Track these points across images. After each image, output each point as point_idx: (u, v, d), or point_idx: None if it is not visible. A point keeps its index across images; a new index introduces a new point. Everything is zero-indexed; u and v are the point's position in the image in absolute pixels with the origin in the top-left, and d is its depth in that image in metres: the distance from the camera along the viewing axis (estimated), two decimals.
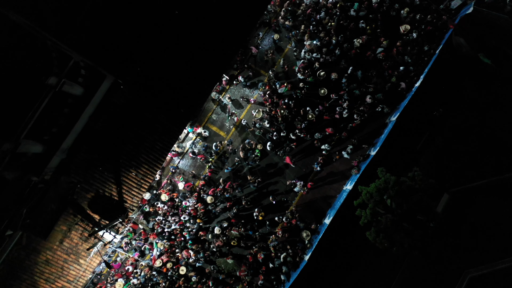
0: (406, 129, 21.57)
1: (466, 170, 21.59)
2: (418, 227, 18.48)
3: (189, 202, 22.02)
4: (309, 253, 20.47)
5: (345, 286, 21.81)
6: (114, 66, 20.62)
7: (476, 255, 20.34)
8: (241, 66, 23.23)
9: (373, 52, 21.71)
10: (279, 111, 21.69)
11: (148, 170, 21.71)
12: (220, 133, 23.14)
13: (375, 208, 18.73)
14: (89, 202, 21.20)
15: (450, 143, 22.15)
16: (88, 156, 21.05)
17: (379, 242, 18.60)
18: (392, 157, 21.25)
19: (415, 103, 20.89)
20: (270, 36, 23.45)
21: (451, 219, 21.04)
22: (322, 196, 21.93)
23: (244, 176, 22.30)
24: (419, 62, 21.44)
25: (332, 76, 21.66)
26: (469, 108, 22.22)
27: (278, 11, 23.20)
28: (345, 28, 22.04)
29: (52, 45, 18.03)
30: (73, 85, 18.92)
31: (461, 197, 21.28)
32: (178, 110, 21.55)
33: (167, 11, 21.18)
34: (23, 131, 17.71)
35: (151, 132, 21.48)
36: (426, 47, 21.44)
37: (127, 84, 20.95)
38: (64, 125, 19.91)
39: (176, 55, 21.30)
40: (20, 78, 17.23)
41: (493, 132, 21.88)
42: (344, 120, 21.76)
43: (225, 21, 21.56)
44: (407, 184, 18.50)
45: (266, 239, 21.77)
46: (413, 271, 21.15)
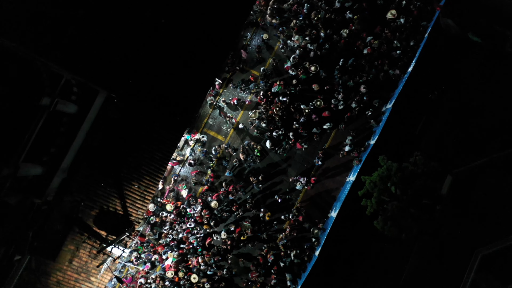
0: (403, 115, 21.52)
1: (467, 150, 21.55)
2: (425, 211, 18.47)
3: (194, 209, 21.95)
4: (318, 248, 20.42)
5: (358, 277, 21.76)
6: (106, 80, 20.61)
7: (485, 233, 20.32)
8: (232, 68, 23.19)
9: (363, 41, 21.68)
10: (274, 109, 21.66)
11: (150, 181, 21.69)
12: (218, 137, 23.10)
13: (380, 197, 18.70)
14: (95, 219, 21.16)
15: (448, 125, 22.11)
16: (89, 173, 21.02)
17: (387, 230, 18.56)
18: (392, 144, 21.20)
19: (410, 88, 20.87)
20: (258, 36, 23.42)
21: (457, 200, 20.99)
22: (326, 190, 21.90)
23: (246, 178, 22.24)
24: (409, 47, 21.40)
25: (312, 69, 21.64)
26: (464, 88, 22.19)
27: (264, 10, 23.16)
28: (332, 20, 22.02)
29: (41, 65, 17.98)
30: (66, 103, 18.87)
31: (465, 177, 21.24)
32: (174, 118, 21.55)
33: (154, 21, 21.17)
34: (21, 154, 17.65)
35: (149, 143, 21.46)
36: (423, 23, 21.52)
37: (120, 97, 20.93)
38: (61, 144, 19.86)
39: (166, 63, 21.28)
40: (13, 102, 17.16)
41: (489, 109, 21.86)
42: (340, 113, 21.71)
43: (212, 25, 21.56)
44: (409, 169, 18.49)
45: (275, 238, 21.72)
46: (424, 255, 21.10)
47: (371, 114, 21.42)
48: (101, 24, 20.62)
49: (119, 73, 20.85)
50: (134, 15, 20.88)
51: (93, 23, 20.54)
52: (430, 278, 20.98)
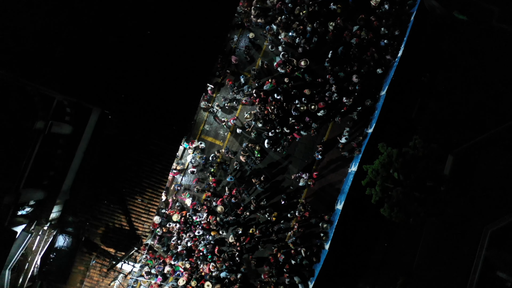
0: (398, 100, 21.57)
1: (465, 128, 21.60)
2: (429, 194, 18.43)
3: (200, 217, 21.88)
4: (328, 242, 20.38)
5: (370, 266, 21.74)
6: (98, 98, 20.58)
7: (492, 209, 20.36)
8: (223, 72, 23.16)
9: (350, 32, 21.68)
10: (269, 108, 21.63)
11: (153, 193, 21.60)
12: (216, 142, 23.05)
13: (384, 184, 18.65)
14: (102, 237, 21.07)
15: (444, 105, 22.16)
16: (91, 192, 20.96)
17: (394, 217, 18.51)
18: (390, 130, 21.25)
19: (401, 73, 20.87)
20: (245, 37, 23.40)
21: (461, 179, 21.03)
22: (330, 183, 21.88)
23: (249, 179, 22.19)
24: (396, 32, 21.41)
25: (302, 64, 21.62)
26: (455, 66, 22.24)
27: (248, 10, 23.12)
28: (317, 13, 22.02)
29: (32, 89, 17.93)
30: (61, 125, 18.83)
31: (466, 155, 21.29)
32: (170, 128, 21.48)
33: (140, 34, 21.12)
34: (21, 181, 17.58)
35: (148, 155, 21.39)
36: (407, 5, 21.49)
37: (114, 113, 20.89)
38: (60, 166, 19.82)
39: (156, 74, 21.22)
40: (7, 129, 17.09)
41: (482, 85, 21.91)
42: (335, 104, 21.70)
43: (197, 31, 21.52)
44: (410, 153, 18.46)
45: (283, 237, 21.67)
46: (434, 238, 21.12)
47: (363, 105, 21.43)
48: (88, 42, 20.59)
49: (110, 89, 20.83)
50: (120, 30, 20.83)
51: (80, 42, 20.50)
52: (442, 259, 20.99)
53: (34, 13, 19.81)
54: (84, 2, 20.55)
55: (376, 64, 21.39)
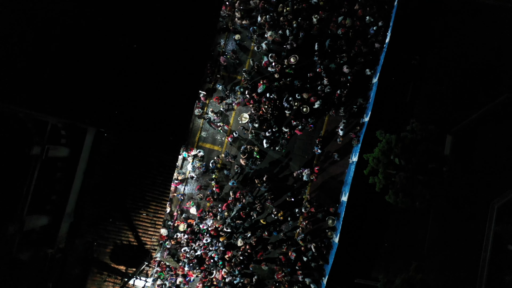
0: (390, 86, 21.55)
1: (460, 106, 21.61)
2: (433, 176, 18.42)
3: (207, 224, 21.82)
4: (337, 235, 20.35)
5: (381, 255, 21.71)
6: (92, 117, 20.51)
7: (496, 184, 20.34)
8: (213, 78, 23.11)
9: (335, 23, 21.67)
10: (263, 108, 21.58)
11: (157, 206, 21.57)
12: (214, 148, 22.99)
13: (386, 171, 18.62)
14: (111, 255, 21.01)
15: (437, 86, 22.15)
16: (95, 211, 20.91)
17: (400, 202, 18.49)
18: (386, 116, 21.21)
19: (391, 59, 20.87)
20: (232, 40, 23.36)
21: (462, 157, 21.04)
22: (332, 176, 21.83)
23: (251, 181, 22.14)
24: (382, 19, 21.41)
25: (292, 60, 21.57)
26: (443, 45, 22.26)
27: (232, 13, 23.10)
28: (300, 9, 22.01)
29: (24, 116, 17.86)
30: (57, 148, 18.79)
31: (464, 133, 21.29)
32: (167, 139, 21.44)
33: (126, 48, 21.08)
34: (23, 208, 17.54)
35: (148, 168, 21.37)
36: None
37: (110, 130, 20.84)
38: (61, 189, 19.78)
39: (146, 87, 21.18)
40: (4, 158, 17.03)
41: (472, 60, 21.92)
42: (329, 96, 21.69)
43: (183, 40, 21.50)
44: (409, 138, 18.43)
45: (292, 235, 21.61)
46: (442, 219, 21.10)
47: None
48: (76, 62, 20.53)
49: (103, 107, 20.76)
50: (107, 47, 20.78)
51: (68, 64, 20.43)
52: (453, 239, 20.97)
53: (20, 39, 19.75)
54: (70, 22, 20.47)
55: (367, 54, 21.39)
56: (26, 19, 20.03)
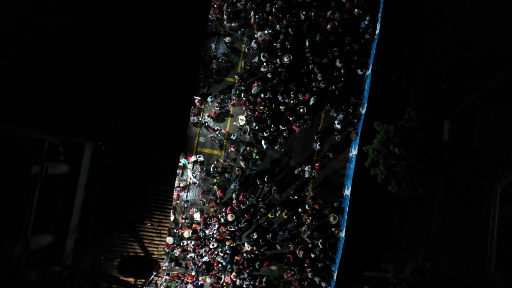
0: (384, 76, 21.56)
1: (455, 91, 21.63)
2: (433, 163, 18.43)
3: (212, 229, 21.77)
4: (343, 229, 20.34)
5: (389, 246, 21.73)
6: (88, 131, 20.45)
7: (497, 166, 20.35)
8: (207, 82, 23.04)
9: (325, 18, 21.65)
10: (259, 109, 21.53)
11: (161, 215, 21.52)
12: (214, 153, 22.93)
13: (387, 162, 18.63)
14: (119, 268, 20.96)
15: (430, 72, 22.19)
16: (99, 226, 20.85)
17: (403, 191, 18.50)
18: (382, 107, 21.21)
19: (383, 50, 20.87)
20: (222, 43, 23.30)
21: (461, 142, 21.04)
22: (333, 171, 21.82)
23: (253, 183, 22.10)
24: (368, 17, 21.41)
25: (285, 59, 21.54)
26: (433, 31, 22.28)
27: (221, 17, 23.05)
28: (288, 7, 21.99)
29: (20, 136, 17.78)
30: (56, 165, 18.72)
31: (461, 118, 21.30)
32: (166, 147, 21.38)
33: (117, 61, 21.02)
34: (27, 229, 17.46)
35: (149, 178, 21.32)
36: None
37: (107, 143, 20.78)
38: (64, 206, 19.70)
39: (140, 97, 21.12)
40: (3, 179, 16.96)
41: (463, 45, 21.95)
42: (323, 92, 21.68)
43: (173, 47, 21.45)
44: (406, 127, 18.44)
45: (298, 233, 21.56)
46: (446, 205, 21.10)
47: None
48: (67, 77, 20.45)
49: (98, 121, 20.70)
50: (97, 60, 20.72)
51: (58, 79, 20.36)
52: (458, 224, 20.98)
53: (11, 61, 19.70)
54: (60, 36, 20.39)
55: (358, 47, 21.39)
56: (16, 37, 19.99)
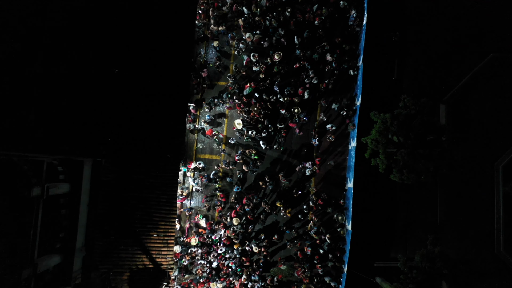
0: (376, 66, 21.55)
1: (447, 74, 21.65)
2: (433, 147, 18.44)
3: (219, 234, 21.71)
4: (349, 222, 20.31)
5: (396, 234, 21.73)
6: (86, 148, 20.37)
7: (497, 145, 20.36)
8: (200, 88, 23.00)
9: (311, 13, 21.63)
10: (254, 110, 21.49)
11: (166, 225, 21.45)
12: (213, 158, 22.89)
13: (387, 151, 18.64)
14: (129, 282, 20.88)
15: (421, 57, 22.20)
16: (105, 241, 20.75)
17: (406, 179, 18.51)
18: (377, 97, 21.22)
19: (372, 39, 20.87)
20: (211, 48, 23.26)
21: (458, 124, 21.05)
22: (334, 165, 21.78)
23: (255, 184, 22.05)
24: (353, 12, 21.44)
25: (276, 57, 21.50)
26: (420, 17, 22.30)
27: (207, 21, 23.01)
28: (273, 6, 21.98)
29: (18, 160, 17.71)
30: (57, 185, 18.65)
31: (456, 100, 21.33)
32: (165, 157, 21.33)
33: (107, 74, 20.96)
34: (34, 251, 17.38)
35: (150, 190, 21.24)
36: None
37: (106, 158, 20.71)
38: (68, 225, 19.62)
39: (135, 109, 21.06)
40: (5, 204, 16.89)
41: (451, 28, 21.97)
42: (316, 88, 21.67)
43: (162, 56, 21.41)
44: (403, 114, 18.44)
45: (304, 230, 21.53)
46: (449, 188, 21.12)
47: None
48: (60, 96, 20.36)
49: (95, 137, 20.61)
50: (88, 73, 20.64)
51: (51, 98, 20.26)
52: (464, 207, 20.99)
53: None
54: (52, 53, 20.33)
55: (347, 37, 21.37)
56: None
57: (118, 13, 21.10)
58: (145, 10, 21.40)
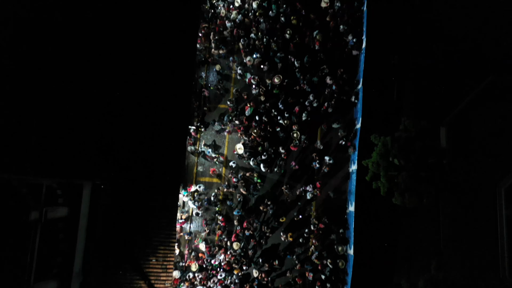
0: (375, 88, 21.67)
1: (447, 97, 21.75)
2: (434, 170, 18.34)
3: (219, 259, 21.37)
4: (351, 247, 20.01)
5: (399, 258, 21.40)
6: (85, 171, 20.28)
7: (498, 167, 20.29)
8: (201, 111, 23.08)
9: (310, 37, 21.93)
10: (254, 133, 21.51)
11: (165, 249, 21.11)
12: (213, 181, 22.77)
13: (388, 174, 18.54)
14: None
15: (420, 80, 22.37)
16: (103, 266, 20.39)
17: (407, 202, 18.36)
18: (377, 119, 21.26)
19: (371, 63, 21.06)
20: (212, 71, 23.48)
21: (459, 147, 21.01)
22: (335, 188, 21.66)
23: (256, 208, 21.84)
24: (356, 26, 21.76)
25: (276, 81, 21.66)
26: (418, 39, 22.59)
27: (208, 45, 23.31)
28: (273, 30, 22.31)
29: (17, 183, 17.63)
30: (55, 209, 18.51)
31: (457, 122, 21.36)
32: (164, 180, 21.17)
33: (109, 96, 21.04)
34: (30, 277, 17.06)
35: (150, 213, 20.98)
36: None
37: (106, 181, 20.58)
38: (66, 250, 19.33)
39: (135, 132, 21.02)
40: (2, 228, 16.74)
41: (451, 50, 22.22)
42: (316, 111, 21.77)
43: (164, 79, 21.52)
44: (403, 137, 18.45)
45: (306, 255, 21.18)
46: (452, 212, 20.91)
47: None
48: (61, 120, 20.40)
49: (94, 160, 20.53)
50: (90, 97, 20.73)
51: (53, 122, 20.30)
52: (467, 230, 20.74)
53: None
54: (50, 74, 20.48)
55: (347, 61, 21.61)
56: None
57: (121, 36, 21.36)
58: (148, 32, 21.64)
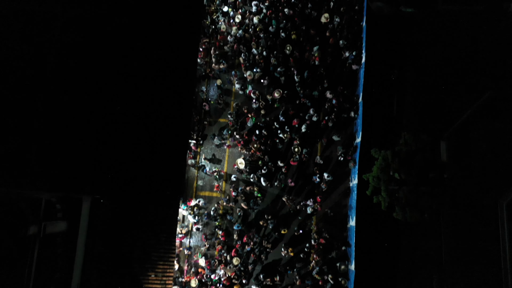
0: (375, 103, 21.75)
1: (447, 111, 21.83)
2: (435, 185, 18.29)
3: (219, 274, 21.13)
4: (352, 262, 19.80)
5: (400, 274, 21.16)
6: (85, 185, 20.23)
7: (500, 181, 20.20)
8: (201, 125, 23.13)
9: (310, 52, 22.11)
10: (254, 148, 21.52)
11: (164, 265, 20.92)
12: (213, 195, 22.67)
13: (388, 188, 18.48)
14: None
15: (420, 94, 22.48)
16: (101, 282, 20.16)
17: (408, 217, 18.26)
18: (377, 134, 21.28)
19: (371, 77, 21.20)
20: (213, 85, 23.61)
21: (459, 161, 20.99)
22: (336, 203, 21.55)
23: (256, 222, 21.69)
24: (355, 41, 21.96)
25: (276, 95, 21.76)
26: (418, 56, 22.78)
27: (209, 60, 23.50)
28: (273, 45, 22.52)
29: (16, 197, 17.57)
30: (54, 223, 18.41)
31: (457, 137, 21.37)
32: (164, 194, 21.10)
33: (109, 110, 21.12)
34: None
35: (149, 228, 20.87)
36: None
37: (105, 196, 20.51)
38: (64, 265, 19.17)
39: (135, 146, 21.02)
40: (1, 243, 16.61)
41: (449, 66, 22.38)
42: (316, 125, 21.83)
43: (165, 93, 21.64)
44: (403, 151, 18.46)
45: (307, 271, 20.95)
46: (453, 226, 20.77)
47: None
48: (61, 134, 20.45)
49: (94, 174, 20.50)
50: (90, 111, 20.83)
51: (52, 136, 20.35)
52: (468, 245, 20.55)
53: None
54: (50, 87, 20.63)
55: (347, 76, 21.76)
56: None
57: (123, 51, 21.57)
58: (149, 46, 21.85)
